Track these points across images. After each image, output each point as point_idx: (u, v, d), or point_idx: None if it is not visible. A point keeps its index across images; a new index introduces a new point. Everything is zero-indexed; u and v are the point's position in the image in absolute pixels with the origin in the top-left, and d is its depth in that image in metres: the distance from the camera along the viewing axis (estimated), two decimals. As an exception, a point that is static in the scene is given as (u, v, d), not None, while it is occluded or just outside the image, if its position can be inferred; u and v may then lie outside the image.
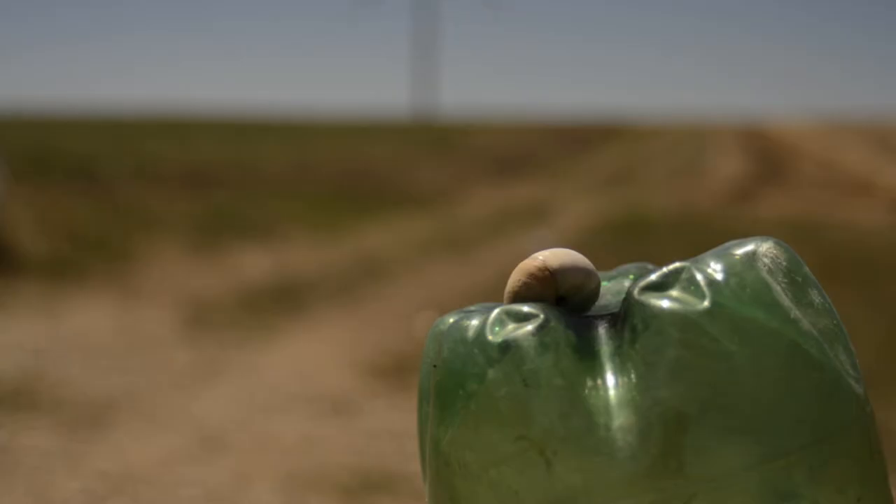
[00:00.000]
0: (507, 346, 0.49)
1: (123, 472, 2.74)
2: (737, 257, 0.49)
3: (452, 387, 0.49)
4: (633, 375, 0.47)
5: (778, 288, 0.48)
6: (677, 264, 0.49)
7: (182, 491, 2.65)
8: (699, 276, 0.48)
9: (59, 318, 4.49)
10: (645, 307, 0.48)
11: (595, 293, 0.54)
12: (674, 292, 0.48)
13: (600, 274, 0.56)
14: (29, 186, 7.59)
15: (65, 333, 4.25)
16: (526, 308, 0.50)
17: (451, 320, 0.52)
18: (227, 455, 2.93)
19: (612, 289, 0.57)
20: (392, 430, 3.20)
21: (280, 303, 5.31)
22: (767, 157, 16.07)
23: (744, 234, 0.55)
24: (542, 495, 0.46)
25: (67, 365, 3.76)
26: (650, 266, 0.58)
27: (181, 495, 2.62)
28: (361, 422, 3.34)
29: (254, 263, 6.02)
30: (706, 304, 0.47)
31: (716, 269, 0.48)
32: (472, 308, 0.54)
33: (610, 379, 0.47)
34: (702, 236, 7.35)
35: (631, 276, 0.58)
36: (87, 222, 6.88)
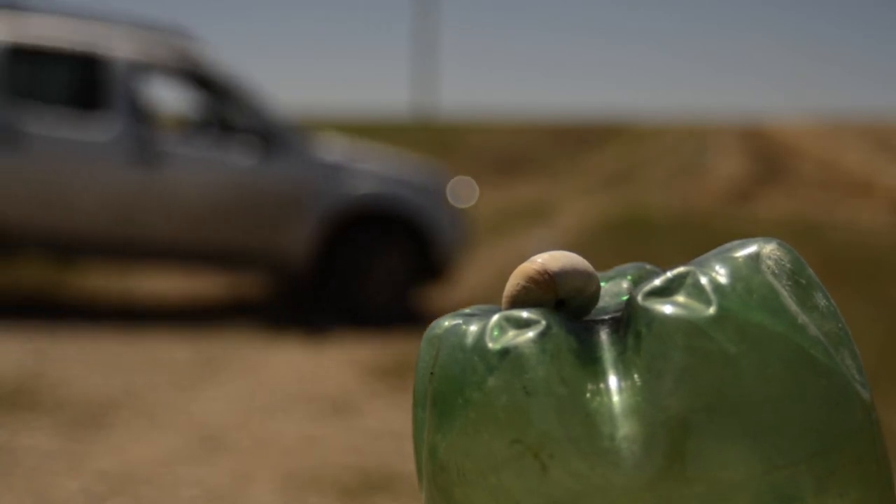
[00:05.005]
0: (507, 354, 0.48)
1: (123, 472, 2.74)
2: (741, 261, 0.48)
3: (450, 394, 0.49)
4: (637, 382, 0.46)
5: (783, 292, 0.48)
6: (681, 269, 0.48)
7: (182, 491, 2.65)
8: (704, 281, 0.47)
9: (60, 318, 4.49)
10: (649, 313, 0.47)
11: (595, 296, 0.53)
12: (679, 298, 0.47)
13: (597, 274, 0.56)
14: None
15: (65, 333, 4.25)
16: (526, 314, 0.49)
17: (447, 324, 0.51)
18: (226, 455, 2.93)
19: (610, 290, 0.56)
20: (392, 431, 3.20)
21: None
22: (767, 157, 16.08)
23: (744, 235, 0.54)
24: (542, 502, 0.46)
25: (67, 365, 3.75)
26: (648, 266, 0.57)
27: (181, 495, 2.62)
28: (362, 422, 3.33)
29: (254, 263, 5.99)
30: (712, 309, 0.47)
31: (721, 274, 0.48)
32: (469, 311, 0.53)
33: (613, 386, 0.47)
34: (702, 236, 7.35)
35: (629, 277, 0.57)
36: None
